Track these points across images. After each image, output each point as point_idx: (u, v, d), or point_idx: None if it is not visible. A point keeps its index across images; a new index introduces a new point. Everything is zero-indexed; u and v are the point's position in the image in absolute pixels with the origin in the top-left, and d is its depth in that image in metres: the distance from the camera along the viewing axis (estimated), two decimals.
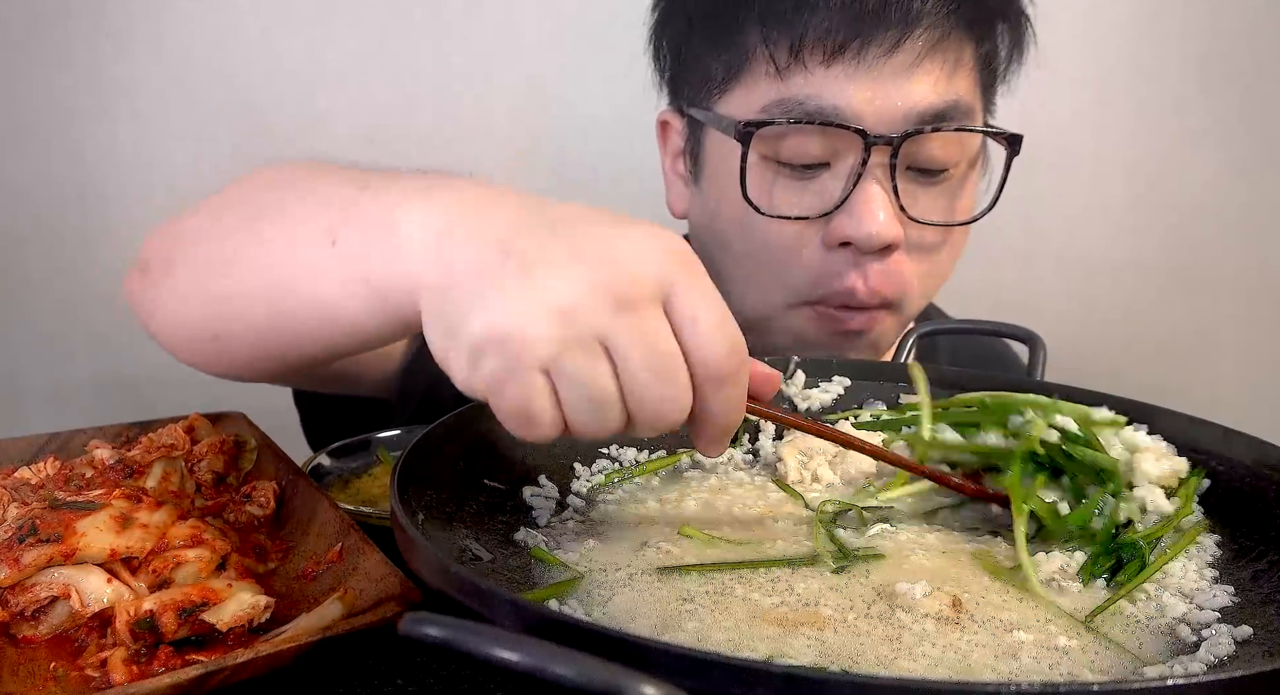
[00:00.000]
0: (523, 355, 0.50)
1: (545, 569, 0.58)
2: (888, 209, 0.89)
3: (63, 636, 0.56)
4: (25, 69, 1.59)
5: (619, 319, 0.51)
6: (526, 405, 0.51)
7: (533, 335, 0.50)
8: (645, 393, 0.52)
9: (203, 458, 0.75)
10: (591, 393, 0.51)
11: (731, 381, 0.54)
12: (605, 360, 0.51)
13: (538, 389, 0.51)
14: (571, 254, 0.51)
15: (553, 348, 0.50)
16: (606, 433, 0.53)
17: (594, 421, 0.52)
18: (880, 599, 0.54)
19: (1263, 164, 1.81)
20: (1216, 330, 1.89)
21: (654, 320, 0.52)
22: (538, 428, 0.52)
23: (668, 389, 0.52)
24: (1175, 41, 1.77)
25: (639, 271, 0.51)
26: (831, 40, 0.86)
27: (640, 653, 0.37)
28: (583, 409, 0.52)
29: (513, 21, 1.66)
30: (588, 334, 0.50)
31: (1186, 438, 0.69)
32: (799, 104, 0.88)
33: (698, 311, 0.52)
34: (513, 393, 0.51)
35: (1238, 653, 0.50)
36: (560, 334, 0.50)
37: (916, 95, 0.88)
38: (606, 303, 0.50)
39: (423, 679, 0.58)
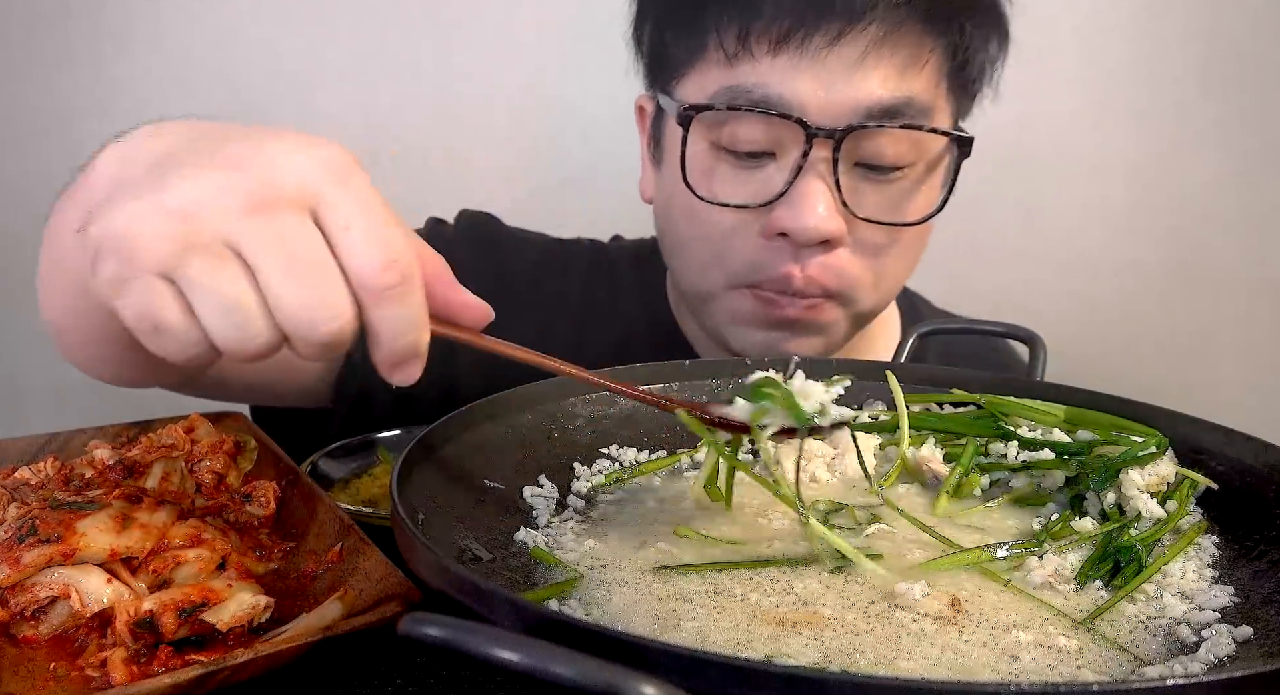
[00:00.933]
0: (136, 257, 0.47)
1: (545, 569, 0.58)
2: (828, 203, 0.89)
3: (63, 636, 0.56)
4: (25, 69, 1.59)
5: (249, 221, 0.48)
6: (150, 312, 0.48)
7: (146, 234, 0.47)
8: (290, 303, 0.48)
9: (203, 458, 0.75)
10: (222, 300, 0.48)
11: (396, 296, 0.50)
12: (236, 266, 0.48)
13: (160, 295, 0.48)
14: (212, 160, 0.49)
15: (168, 248, 0.47)
16: (257, 348, 0.50)
17: (235, 333, 0.49)
18: (879, 599, 0.54)
19: (1263, 164, 1.81)
20: (1216, 330, 1.89)
21: (293, 226, 0.49)
22: (168, 338, 0.49)
23: (315, 298, 0.48)
24: (1175, 42, 1.77)
25: (279, 175, 0.49)
26: (777, 29, 0.86)
27: (640, 653, 0.37)
28: (218, 319, 0.48)
29: (513, 21, 1.66)
30: (210, 237, 0.47)
31: (1186, 437, 0.69)
32: (745, 92, 0.89)
33: (351, 220, 0.49)
34: (133, 298, 0.48)
35: (1238, 653, 0.50)
36: (177, 233, 0.47)
37: (864, 89, 0.87)
38: (235, 205, 0.48)
39: (423, 679, 0.58)
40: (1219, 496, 0.66)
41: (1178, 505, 0.64)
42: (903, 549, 0.61)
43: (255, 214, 0.48)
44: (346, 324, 0.50)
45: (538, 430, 0.71)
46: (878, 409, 0.81)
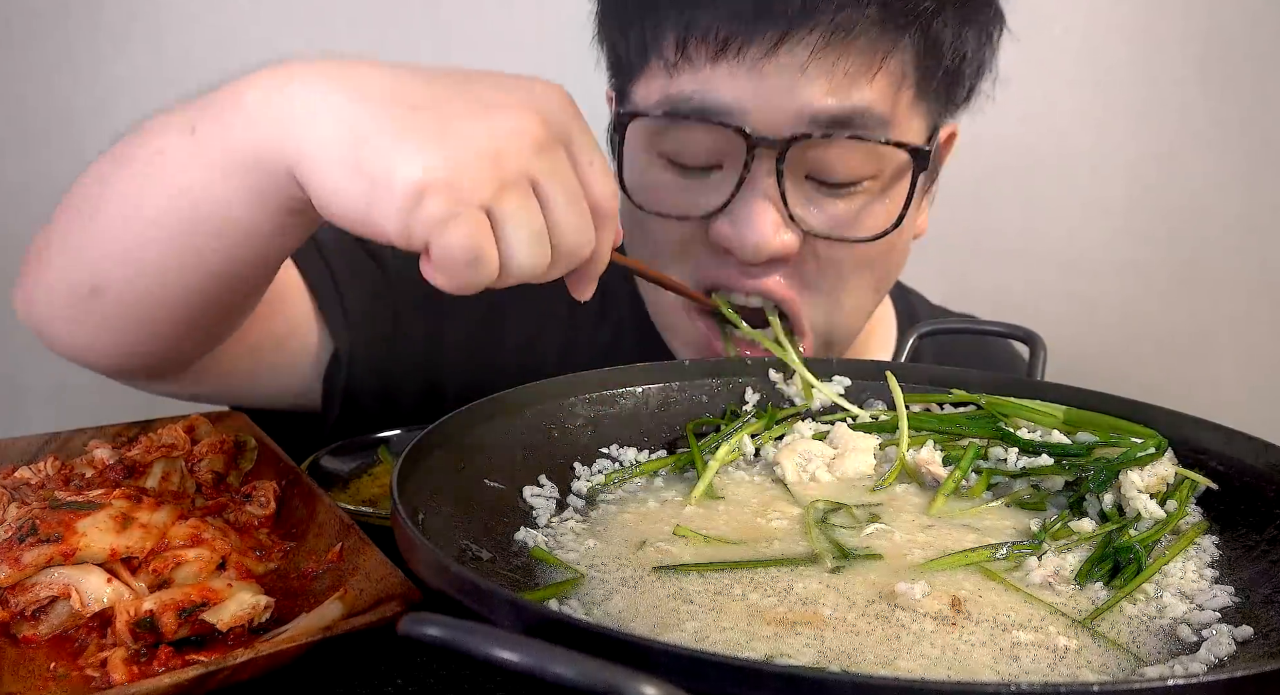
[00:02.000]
0: (466, 194, 0.53)
1: (545, 569, 0.58)
2: (773, 218, 0.85)
3: (63, 636, 0.56)
4: (25, 69, 1.59)
5: (541, 159, 0.55)
6: (475, 243, 0.53)
7: (473, 175, 0.53)
8: (567, 226, 0.56)
9: (203, 458, 0.75)
10: (532, 229, 0.55)
11: (613, 220, 0.60)
12: (535, 200, 0.56)
13: (484, 226, 0.54)
14: (481, 104, 0.55)
15: (492, 187, 0.53)
16: (542, 271, 0.57)
17: (530, 258, 0.56)
18: (880, 599, 0.54)
19: (1263, 164, 1.81)
20: (1216, 330, 1.89)
21: (565, 161, 0.57)
22: (483, 267, 0.55)
23: (583, 221, 0.57)
24: (1175, 43, 1.77)
25: (548, 117, 0.56)
26: (714, 36, 0.83)
27: (640, 653, 0.37)
28: (522, 246, 0.55)
29: (512, 21, 1.66)
30: (519, 174, 0.54)
31: (1186, 437, 0.69)
32: (685, 99, 0.85)
33: (593, 155, 0.58)
34: (462, 231, 0.53)
35: (1238, 653, 0.50)
36: (496, 174, 0.53)
37: (807, 98, 0.83)
38: (529, 145, 0.55)
39: (423, 679, 0.58)
40: (1219, 496, 0.66)
41: (1178, 506, 0.64)
42: (902, 549, 0.61)
43: (544, 153, 0.55)
44: (593, 243, 0.59)
45: (538, 430, 0.71)
46: (878, 409, 0.81)
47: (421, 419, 0.95)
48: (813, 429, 0.78)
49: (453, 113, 0.54)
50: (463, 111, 0.54)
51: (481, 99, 0.55)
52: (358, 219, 0.55)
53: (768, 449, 0.78)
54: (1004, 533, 0.64)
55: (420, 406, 1.05)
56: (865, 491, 0.71)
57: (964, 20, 0.88)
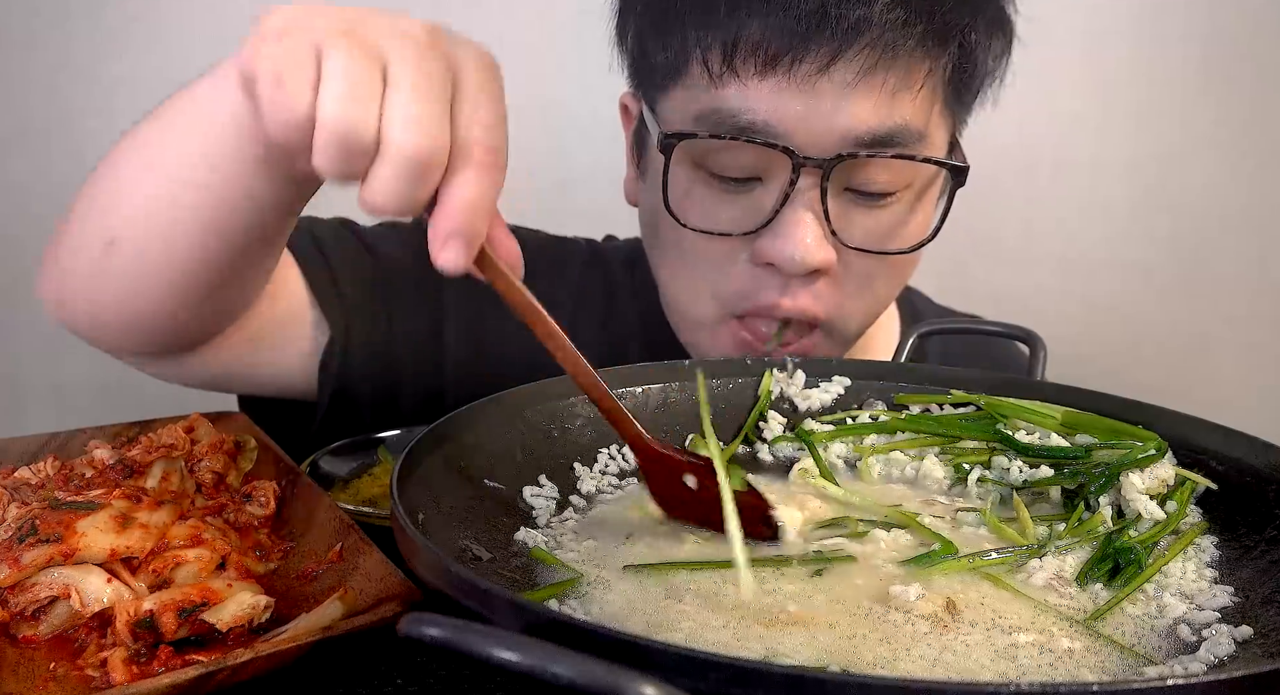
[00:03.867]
0: (302, 23, 0.53)
1: (545, 569, 0.58)
2: (816, 233, 0.85)
3: (63, 636, 0.56)
4: (25, 69, 1.59)
5: (403, 42, 0.52)
6: (284, 64, 0.52)
7: (316, 18, 0.53)
8: (403, 109, 0.51)
9: (203, 458, 0.75)
10: (349, 80, 0.51)
11: (484, 169, 0.53)
12: (377, 68, 0.52)
13: (300, 54, 0.52)
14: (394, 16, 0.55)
15: (332, 29, 0.52)
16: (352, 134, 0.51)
17: (342, 110, 0.51)
18: (872, 602, 0.54)
19: (1263, 164, 1.81)
20: (1216, 330, 1.89)
21: (437, 65, 0.53)
22: (286, 91, 0.51)
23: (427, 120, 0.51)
24: (1176, 43, 1.77)
25: (451, 42, 0.55)
26: (764, 52, 0.81)
27: (640, 653, 0.37)
28: (334, 96, 0.51)
29: (512, 22, 1.66)
30: (368, 39, 0.52)
31: (1186, 438, 0.69)
32: (731, 116, 0.84)
33: (482, 103, 0.54)
34: (276, 47, 0.52)
35: (1238, 653, 0.50)
36: (341, 28, 0.52)
37: (853, 118, 0.82)
38: (398, 32, 0.53)
39: (423, 679, 0.58)
40: (1219, 496, 0.66)
41: (1178, 507, 0.64)
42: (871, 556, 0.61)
43: (410, 41, 0.53)
44: (438, 150, 0.52)
45: (538, 430, 0.71)
46: (878, 409, 0.81)
47: (420, 416, 0.95)
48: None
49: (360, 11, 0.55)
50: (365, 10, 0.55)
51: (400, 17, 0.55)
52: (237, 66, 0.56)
53: (765, 451, 0.78)
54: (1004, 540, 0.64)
55: (419, 404, 1.05)
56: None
57: (990, 32, 0.89)
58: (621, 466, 0.74)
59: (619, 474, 0.73)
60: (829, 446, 0.77)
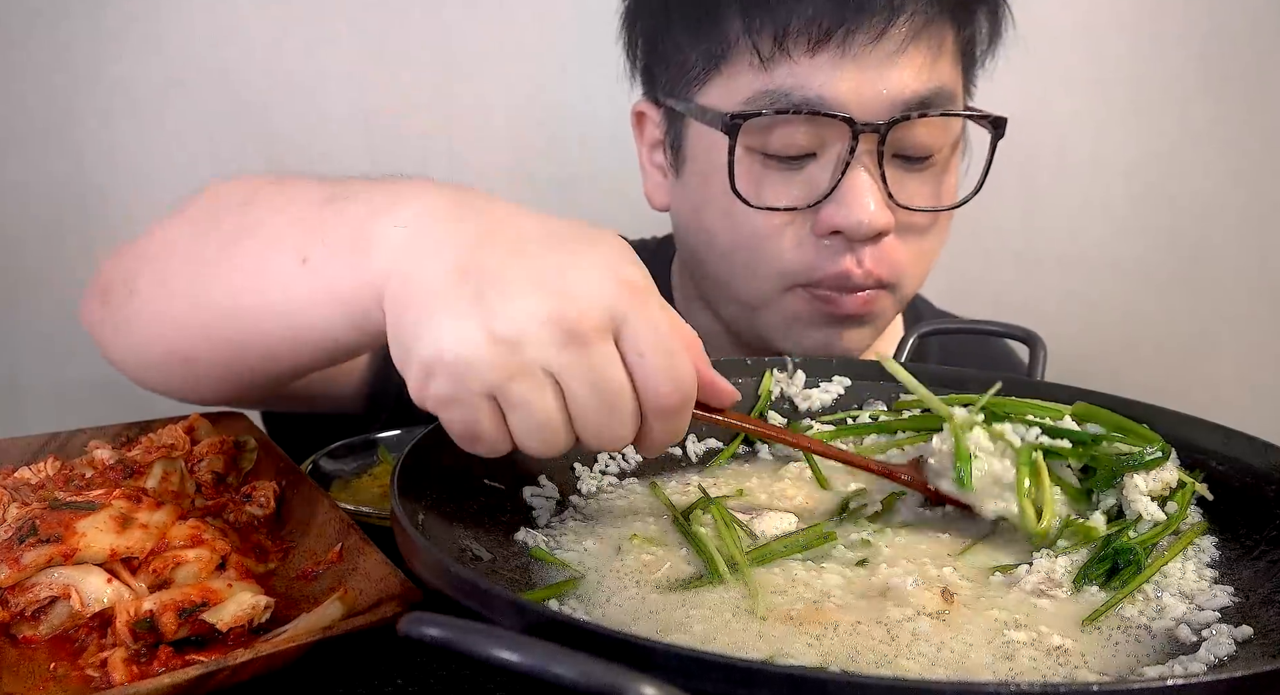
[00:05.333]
0: (468, 380, 0.52)
1: (545, 569, 0.58)
2: (877, 197, 0.89)
3: (63, 636, 0.56)
4: (25, 69, 1.59)
5: (566, 352, 0.52)
6: (472, 427, 0.54)
7: (479, 363, 0.51)
8: (591, 422, 0.54)
9: (203, 458, 0.75)
10: (538, 420, 0.53)
11: (674, 415, 0.56)
12: (552, 389, 0.53)
13: (484, 412, 0.53)
14: (526, 280, 0.53)
15: (498, 375, 0.52)
16: (555, 454, 0.55)
17: (540, 444, 0.54)
18: (872, 597, 0.54)
19: (1263, 164, 1.81)
20: (1216, 330, 1.89)
21: (602, 355, 0.53)
22: (483, 446, 0.55)
23: (613, 419, 0.54)
24: (1175, 41, 1.77)
25: (590, 304, 0.52)
26: (817, 28, 0.86)
27: (640, 653, 0.37)
28: (529, 433, 0.54)
29: (512, 23, 1.66)
30: (534, 364, 0.52)
31: (1186, 438, 0.69)
32: (785, 95, 0.88)
33: (645, 347, 0.53)
34: (459, 414, 0.53)
35: (1238, 653, 0.50)
36: (506, 362, 0.51)
37: (901, 82, 0.88)
38: (555, 335, 0.52)
39: (423, 679, 0.58)
40: (1219, 496, 0.66)
41: (1178, 507, 0.64)
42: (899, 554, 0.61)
43: (573, 345, 0.52)
44: (631, 437, 0.56)
45: None
46: (878, 409, 0.81)
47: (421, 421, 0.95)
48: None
49: (494, 286, 0.53)
50: (504, 287, 0.53)
51: (533, 273, 0.53)
52: (400, 370, 0.56)
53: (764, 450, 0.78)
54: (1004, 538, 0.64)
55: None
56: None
57: (992, 13, 0.97)
58: (621, 466, 0.74)
59: (619, 474, 0.73)
60: None
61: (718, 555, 0.58)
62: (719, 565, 0.57)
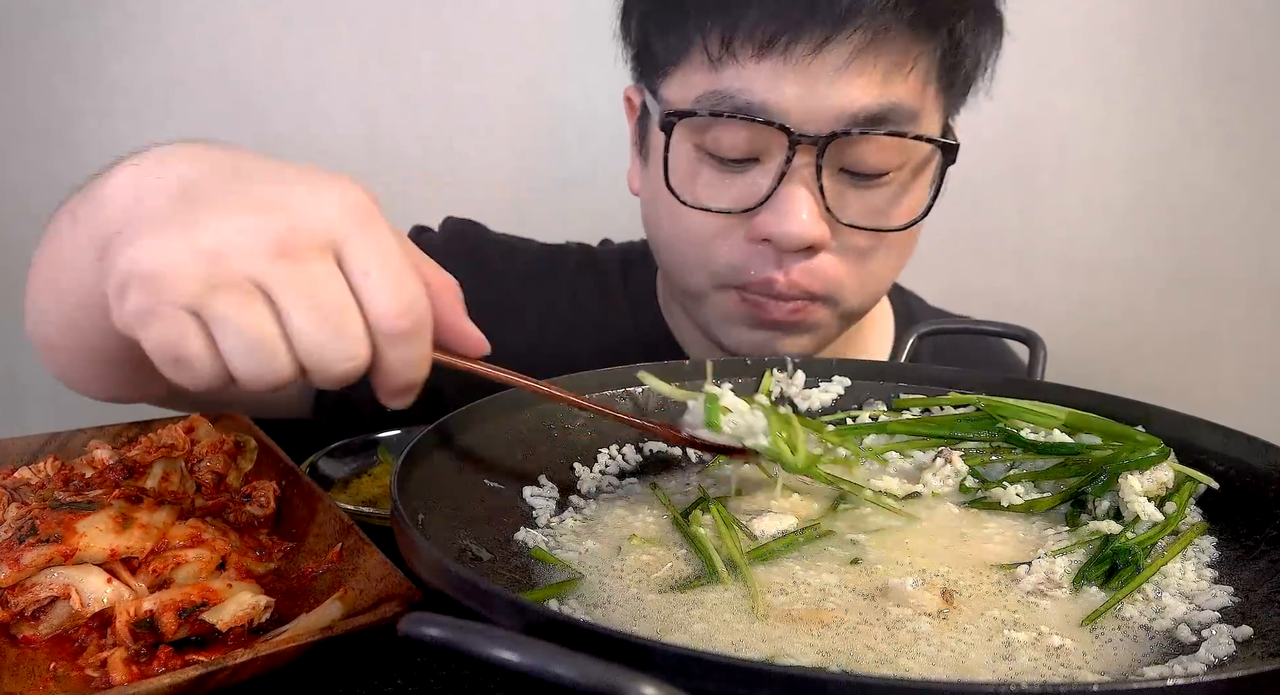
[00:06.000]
0: (164, 292, 0.50)
1: (545, 569, 0.58)
2: (811, 210, 0.88)
3: (63, 636, 0.56)
4: (25, 69, 1.59)
5: (278, 265, 0.50)
6: (174, 345, 0.50)
7: (176, 273, 0.49)
8: (311, 342, 0.51)
9: (203, 458, 0.75)
10: (248, 338, 0.50)
11: (407, 339, 0.54)
12: (264, 305, 0.51)
13: (186, 329, 0.50)
14: (242, 200, 0.52)
15: (197, 287, 0.49)
16: (275, 381, 0.52)
17: (256, 368, 0.51)
18: (872, 597, 0.54)
19: (1263, 164, 1.81)
20: (1216, 330, 1.89)
21: (320, 271, 0.51)
22: (191, 370, 0.51)
23: (336, 340, 0.52)
24: (1175, 42, 1.77)
25: (306, 220, 0.51)
26: (761, 34, 0.85)
27: (640, 653, 0.37)
28: (242, 354, 0.51)
29: (512, 22, 1.66)
30: (240, 277, 0.50)
31: (1186, 438, 0.69)
32: (728, 97, 0.87)
33: (370, 265, 0.52)
34: (158, 331, 0.50)
35: (1238, 653, 0.50)
36: (207, 274, 0.49)
37: (847, 96, 0.86)
38: (264, 248, 0.50)
39: (423, 679, 0.58)
40: (1219, 496, 0.66)
41: (1177, 507, 0.64)
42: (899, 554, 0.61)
43: (283, 257, 0.50)
44: (361, 363, 0.53)
45: (538, 430, 0.71)
46: (878, 409, 0.81)
47: (418, 419, 0.95)
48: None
49: (208, 205, 0.51)
50: (218, 205, 0.51)
51: (247, 195, 0.52)
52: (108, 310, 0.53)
53: None
54: (1004, 538, 0.64)
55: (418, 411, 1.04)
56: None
57: (981, 22, 0.92)
58: (621, 466, 0.74)
59: (619, 474, 0.73)
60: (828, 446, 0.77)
61: (716, 555, 0.58)
62: (718, 565, 0.57)
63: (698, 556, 0.59)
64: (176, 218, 0.51)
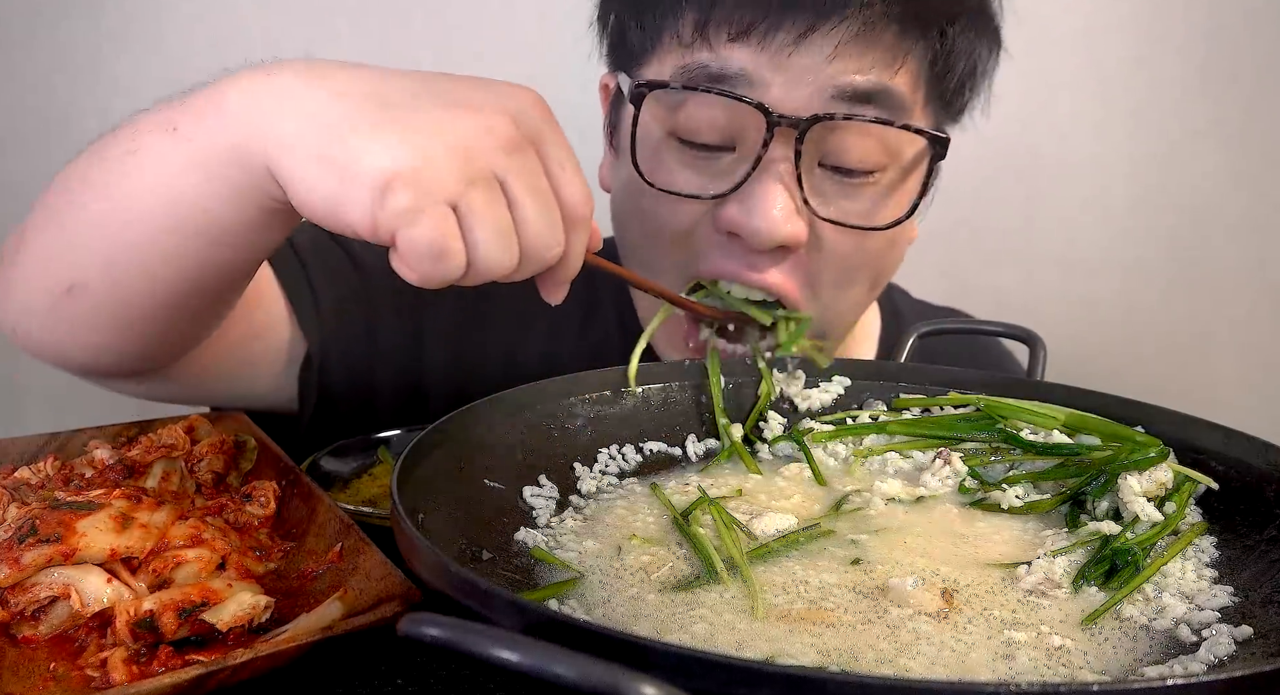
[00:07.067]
0: (434, 188, 0.53)
1: (545, 569, 0.58)
2: (786, 205, 0.81)
3: (63, 636, 0.56)
4: (25, 69, 1.59)
5: (509, 159, 0.56)
6: (443, 237, 0.54)
7: (437, 170, 0.53)
8: (534, 226, 0.57)
9: (203, 458, 0.75)
10: (496, 228, 0.55)
11: (585, 225, 0.60)
12: (503, 199, 0.56)
13: (451, 223, 0.54)
14: (453, 103, 0.56)
15: (460, 183, 0.54)
16: (506, 269, 0.57)
17: (497, 256, 0.56)
18: (873, 596, 0.54)
19: (1263, 164, 1.81)
20: (1216, 330, 1.89)
21: (535, 162, 0.57)
22: (449, 261, 0.55)
23: (551, 228, 0.58)
24: (1175, 42, 1.77)
25: (519, 118, 0.57)
26: (737, 21, 0.80)
27: (640, 653, 0.37)
28: (488, 243, 0.55)
29: (512, 22, 1.66)
30: (487, 171, 0.55)
31: (1186, 438, 0.69)
32: (702, 68, 0.82)
33: (564, 158, 0.59)
34: (427, 226, 0.53)
35: (1238, 653, 0.50)
36: (465, 170, 0.54)
37: (831, 73, 0.80)
38: (497, 144, 0.56)
39: (423, 679, 0.58)
40: (1219, 496, 0.66)
41: (1177, 508, 0.64)
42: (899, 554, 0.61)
43: (514, 152, 0.56)
44: (561, 250, 0.59)
45: (538, 430, 0.71)
46: (878, 409, 0.81)
47: (401, 423, 0.94)
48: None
49: (424, 110, 0.55)
50: (434, 109, 0.55)
51: (454, 99, 0.56)
52: (329, 212, 0.55)
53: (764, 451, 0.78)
54: (1004, 538, 0.65)
55: (400, 410, 1.04)
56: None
57: (977, 32, 0.87)
58: (621, 466, 0.74)
59: (619, 474, 0.73)
60: (827, 446, 0.77)
61: (716, 555, 0.58)
62: (718, 565, 0.57)
63: (698, 556, 0.59)
64: (405, 120, 0.55)
